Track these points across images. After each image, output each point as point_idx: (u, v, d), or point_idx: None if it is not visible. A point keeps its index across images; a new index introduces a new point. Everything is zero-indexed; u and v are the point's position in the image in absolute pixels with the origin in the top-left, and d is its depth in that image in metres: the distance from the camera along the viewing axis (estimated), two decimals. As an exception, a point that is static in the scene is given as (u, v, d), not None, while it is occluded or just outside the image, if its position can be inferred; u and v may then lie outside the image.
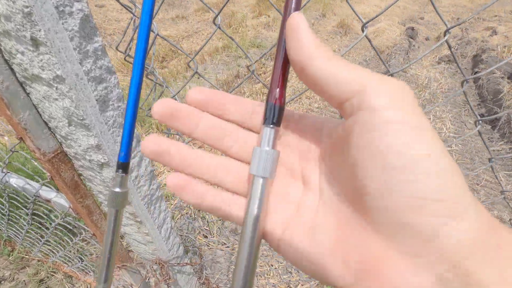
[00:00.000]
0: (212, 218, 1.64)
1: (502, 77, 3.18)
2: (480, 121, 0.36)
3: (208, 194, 0.18)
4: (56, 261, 1.20)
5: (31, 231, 1.00)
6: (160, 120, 0.18)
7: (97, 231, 0.65)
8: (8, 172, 0.62)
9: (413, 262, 0.13)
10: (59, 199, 0.60)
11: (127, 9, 0.42)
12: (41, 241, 0.99)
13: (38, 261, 1.28)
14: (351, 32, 4.41)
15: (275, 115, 0.15)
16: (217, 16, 0.40)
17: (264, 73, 3.00)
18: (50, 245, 1.08)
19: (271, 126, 0.16)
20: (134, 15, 0.45)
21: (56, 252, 1.08)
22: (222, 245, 1.54)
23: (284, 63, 0.15)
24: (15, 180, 0.64)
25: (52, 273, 1.26)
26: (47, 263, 1.25)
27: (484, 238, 0.12)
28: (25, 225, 0.89)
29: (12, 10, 0.31)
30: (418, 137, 0.13)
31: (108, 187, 0.54)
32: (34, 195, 0.60)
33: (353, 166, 0.14)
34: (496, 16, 5.01)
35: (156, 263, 0.74)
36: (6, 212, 0.89)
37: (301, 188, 0.18)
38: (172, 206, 1.59)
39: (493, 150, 2.36)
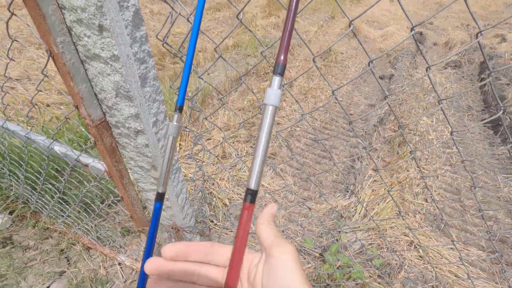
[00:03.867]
0: (218, 204, 1.75)
1: (508, 84, 3.23)
2: (492, 74, 0.43)
3: None
4: (76, 232, 1.32)
5: (60, 200, 1.12)
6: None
7: (125, 194, 0.76)
8: (55, 140, 0.73)
9: None
10: (96, 164, 0.71)
11: (167, 3, 0.53)
12: (68, 210, 1.11)
13: (60, 233, 1.40)
14: (359, 35, 4.48)
15: (281, 69, 0.25)
16: (240, 12, 0.50)
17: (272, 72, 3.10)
18: (73, 216, 1.20)
19: (278, 75, 0.26)
20: (173, 9, 0.55)
21: (80, 221, 1.19)
22: (227, 229, 1.64)
23: (289, 36, 0.25)
24: (58, 148, 0.75)
25: (71, 245, 1.38)
26: (68, 234, 1.37)
27: None
28: (56, 193, 1.00)
29: (88, 3, 0.42)
30: (293, 278, 0.24)
31: (140, 153, 0.65)
32: (75, 160, 0.71)
33: None
34: (507, 24, 5.02)
35: (172, 227, 0.84)
36: (41, 181, 1.01)
37: None
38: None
39: (494, 154, 2.42)
